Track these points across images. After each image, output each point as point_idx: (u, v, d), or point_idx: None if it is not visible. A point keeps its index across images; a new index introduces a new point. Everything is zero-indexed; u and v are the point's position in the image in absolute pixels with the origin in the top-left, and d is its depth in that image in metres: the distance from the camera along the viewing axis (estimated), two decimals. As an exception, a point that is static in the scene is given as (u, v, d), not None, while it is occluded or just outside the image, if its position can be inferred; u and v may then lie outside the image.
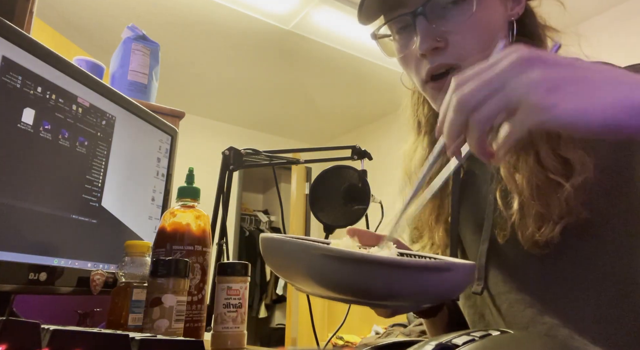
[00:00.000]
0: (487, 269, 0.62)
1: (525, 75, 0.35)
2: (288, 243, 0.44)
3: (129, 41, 1.46)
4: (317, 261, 0.41)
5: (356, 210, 0.81)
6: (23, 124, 0.64)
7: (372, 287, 0.41)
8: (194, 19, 2.96)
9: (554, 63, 0.36)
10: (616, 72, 0.37)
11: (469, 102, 0.37)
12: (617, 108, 0.34)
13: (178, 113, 1.39)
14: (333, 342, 2.28)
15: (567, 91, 0.34)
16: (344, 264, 0.40)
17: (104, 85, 0.80)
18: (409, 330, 2.22)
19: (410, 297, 0.43)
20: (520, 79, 0.35)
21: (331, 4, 2.75)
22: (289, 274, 0.46)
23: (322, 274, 0.42)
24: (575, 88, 0.34)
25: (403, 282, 0.41)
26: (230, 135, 4.46)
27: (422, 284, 0.42)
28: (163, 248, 0.70)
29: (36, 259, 0.66)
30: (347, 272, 0.40)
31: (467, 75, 0.39)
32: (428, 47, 0.57)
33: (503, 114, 0.36)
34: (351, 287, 0.42)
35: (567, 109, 0.34)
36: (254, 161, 0.94)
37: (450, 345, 0.31)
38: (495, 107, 0.36)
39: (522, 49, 0.37)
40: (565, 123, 0.34)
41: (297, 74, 3.63)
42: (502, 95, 0.35)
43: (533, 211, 0.54)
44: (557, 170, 0.53)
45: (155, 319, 0.59)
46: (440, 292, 0.44)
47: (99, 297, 0.75)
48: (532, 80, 0.35)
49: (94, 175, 0.76)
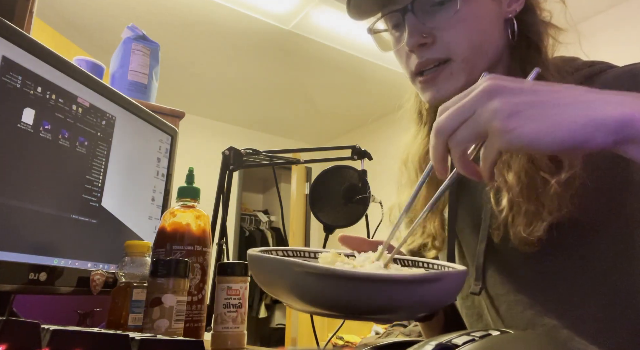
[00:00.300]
0: (485, 269, 0.62)
1: (490, 103, 0.39)
2: (271, 261, 0.43)
3: (129, 41, 1.46)
4: (299, 279, 0.40)
5: (356, 210, 0.81)
6: (23, 124, 0.64)
7: (358, 303, 0.40)
8: (194, 19, 2.96)
9: (517, 91, 0.39)
10: (579, 91, 0.39)
11: (444, 128, 0.41)
12: (575, 126, 0.37)
13: (178, 113, 1.39)
14: (333, 342, 2.28)
15: (526, 115, 0.38)
16: (327, 280, 0.39)
17: (104, 85, 0.80)
18: (409, 330, 2.22)
19: (400, 309, 0.42)
20: (486, 106, 0.39)
21: (331, 4, 2.75)
22: (275, 291, 0.45)
23: (306, 292, 0.41)
24: (533, 112, 0.38)
25: (390, 296, 0.40)
26: (230, 135, 4.46)
27: (411, 297, 0.40)
28: (163, 248, 0.70)
29: (36, 259, 0.66)
30: (331, 289, 0.39)
31: (447, 104, 0.43)
32: (415, 42, 0.60)
33: (477, 137, 0.40)
34: (337, 303, 0.41)
35: (524, 131, 0.37)
36: (254, 161, 0.94)
37: (450, 345, 0.31)
38: (466, 132, 0.40)
39: (492, 78, 0.41)
40: (526, 144, 0.37)
41: (297, 74, 3.63)
42: (472, 121, 0.40)
43: (522, 209, 0.55)
44: (547, 168, 0.54)
45: (155, 319, 0.59)
46: (430, 302, 0.43)
47: (99, 297, 0.75)
48: (495, 107, 0.38)
49: (94, 175, 0.76)
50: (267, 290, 0.46)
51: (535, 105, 0.38)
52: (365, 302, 0.40)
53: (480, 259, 0.62)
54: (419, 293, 0.41)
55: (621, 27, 2.69)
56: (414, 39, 0.60)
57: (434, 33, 0.60)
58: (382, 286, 0.39)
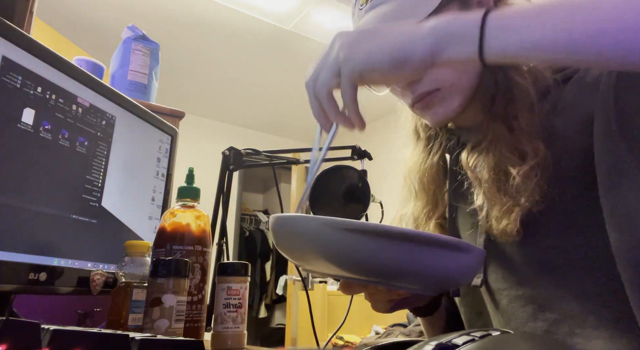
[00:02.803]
0: (486, 263, 0.63)
1: (334, 47, 0.48)
2: (303, 219, 0.44)
3: (129, 41, 1.46)
4: (336, 236, 0.41)
5: (356, 210, 0.81)
6: (23, 124, 0.64)
7: (389, 263, 0.41)
8: (194, 19, 2.96)
9: (355, 32, 0.48)
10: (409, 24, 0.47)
11: (310, 82, 0.50)
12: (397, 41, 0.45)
13: (178, 113, 1.39)
14: (333, 342, 2.27)
15: (361, 43, 0.47)
16: (364, 237, 0.40)
17: (104, 85, 0.80)
18: (409, 330, 2.22)
19: (424, 276, 0.43)
20: (333, 51, 0.48)
21: (331, 4, 2.75)
22: (302, 254, 0.45)
23: (341, 251, 0.41)
24: (367, 40, 0.47)
25: (421, 258, 0.41)
26: (230, 135, 4.46)
27: (439, 262, 0.42)
28: (163, 248, 0.70)
29: (36, 259, 0.66)
30: (367, 247, 0.41)
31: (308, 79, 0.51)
32: (404, 83, 0.64)
33: (333, 75, 0.48)
34: (369, 262, 0.42)
35: (360, 55, 0.46)
36: (254, 161, 0.94)
37: (450, 345, 0.31)
38: (324, 74, 0.48)
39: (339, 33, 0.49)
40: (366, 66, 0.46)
41: (297, 74, 3.63)
42: (326, 65, 0.48)
43: (495, 203, 0.58)
44: (512, 161, 0.57)
45: (155, 319, 0.59)
46: (454, 274, 0.45)
47: (99, 297, 0.75)
48: (338, 45, 0.48)
49: (94, 175, 0.76)
50: (292, 255, 0.46)
51: (368, 37, 0.47)
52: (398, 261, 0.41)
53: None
54: (448, 260, 0.43)
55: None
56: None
57: None
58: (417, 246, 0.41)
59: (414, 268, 0.42)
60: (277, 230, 0.46)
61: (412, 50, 0.45)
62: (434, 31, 0.44)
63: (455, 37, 0.44)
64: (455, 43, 0.44)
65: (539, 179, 0.55)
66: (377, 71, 0.46)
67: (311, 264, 0.45)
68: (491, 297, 0.63)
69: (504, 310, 0.61)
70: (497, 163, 0.58)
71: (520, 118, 0.58)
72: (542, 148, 0.56)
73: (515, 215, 0.55)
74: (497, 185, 0.58)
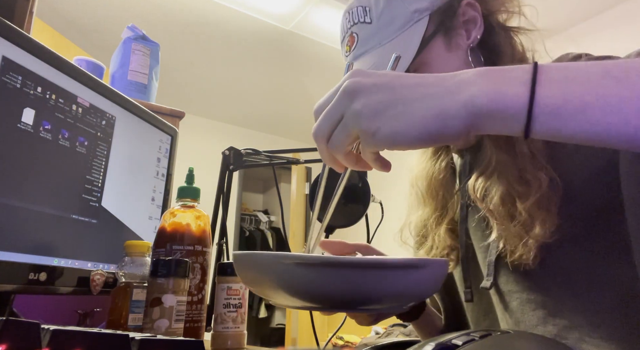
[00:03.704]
0: (497, 265, 0.62)
1: (353, 105, 0.41)
2: (258, 256, 0.43)
3: (129, 41, 1.46)
4: (288, 270, 0.40)
5: (356, 210, 0.81)
6: (23, 124, 0.64)
7: (345, 292, 0.40)
8: (194, 19, 2.96)
9: (375, 89, 0.40)
10: (431, 81, 0.41)
11: (321, 134, 0.43)
12: (426, 120, 0.39)
13: (178, 113, 1.39)
14: (333, 342, 2.28)
15: (385, 116, 0.39)
16: (315, 270, 0.39)
17: (104, 85, 0.80)
18: (409, 330, 2.22)
19: (385, 298, 0.42)
20: (350, 110, 0.41)
21: (331, 4, 2.75)
22: (262, 287, 0.45)
23: (295, 284, 0.41)
24: (390, 111, 0.39)
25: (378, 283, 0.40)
26: (230, 135, 4.46)
27: (397, 283, 0.41)
28: (163, 248, 0.70)
29: (36, 259, 0.66)
30: (318, 278, 0.40)
31: (319, 104, 0.44)
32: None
33: (350, 140, 0.42)
34: (322, 293, 0.41)
35: (385, 132, 0.39)
36: (254, 161, 0.94)
37: (450, 345, 0.31)
38: (340, 138, 0.42)
39: (353, 75, 0.42)
40: (390, 143, 0.40)
41: (297, 74, 3.63)
42: (341, 126, 0.42)
43: (509, 234, 0.56)
44: (520, 194, 0.55)
45: (155, 319, 0.59)
46: (415, 290, 0.43)
47: (99, 297, 0.75)
48: (358, 111, 0.40)
49: (94, 175, 0.76)
50: (254, 288, 0.46)
51: (391, 104, 0.40)
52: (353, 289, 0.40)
53: (492, 256, 0.62)
54: (405, 280, 0.41)
55: (613, 31, 2.69)
56: None
57: None
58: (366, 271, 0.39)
59: (373, 293, 0.41)
60: (239, 268, 0.47)
61: (444, 129, 0.39)
62: (471, 107, 0.38)
63: (496, 117, 0.38)
64: (496, 122, 0.38)
65: (549, 206, 0.53)
66: (404, 148, 0.41)
67: (274, 297, 0.45)
68: (501, 299, 0.62)
69: (513, 312, 0.60)
70: (504, 195, 0.56)
71: (520, 141, 0.56)
72: (546, 176, 0.54)
73: (531, 246, 0.54)
74: (508, 219, 0.56)
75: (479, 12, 0.63)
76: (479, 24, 0.63)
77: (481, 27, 0.63)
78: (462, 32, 0.63)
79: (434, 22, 0.61)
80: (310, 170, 4.38)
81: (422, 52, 0.59)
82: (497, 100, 0.37)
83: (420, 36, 0.59)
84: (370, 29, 0.62)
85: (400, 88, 0.40)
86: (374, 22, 0.62)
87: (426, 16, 0.60)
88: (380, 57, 0.60)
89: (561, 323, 0.55)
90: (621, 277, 0.52)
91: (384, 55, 0.60)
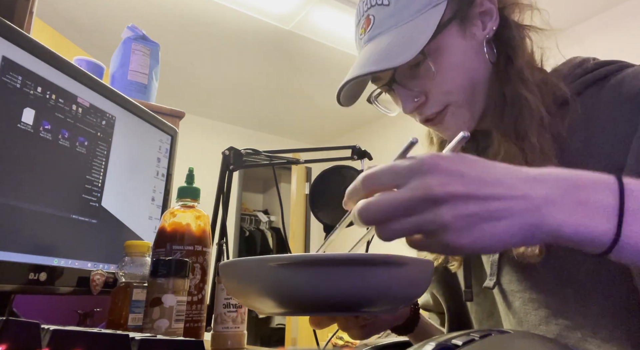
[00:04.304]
0: (500, 265, 0.62)
1: (440, 213, 0.36)
2: (242, 262, 0.43)
3: (129, 41, 1.46)
4: (273, 273, 0.40)
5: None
6: (23, 124, 0.64)
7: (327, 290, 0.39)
8: (194, 19, 2.96)
9: (465, 197, 0.36)
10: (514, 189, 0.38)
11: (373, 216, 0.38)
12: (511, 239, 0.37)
13: (178, 113, 1.39)
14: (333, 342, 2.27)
15: (476, 231, 0.36)
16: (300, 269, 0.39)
17: (104, 85, 0.80)
18: (409, 330, 2.22)
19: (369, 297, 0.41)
20: (438, 219, 0.36)
21: (331, 4, 2.75)
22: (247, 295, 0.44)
23: (283, 286, 0.40)
24: (481, 230, 0.36)
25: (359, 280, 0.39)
26: (230, 135, 4.46)
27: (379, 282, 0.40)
28: (163, 248, 0.70)
29: (36, 259, 0.66)
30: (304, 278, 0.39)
31: (373, 177, 0.39)
32: (411, 108, 0.63)
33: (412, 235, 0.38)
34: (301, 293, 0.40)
35: (474, 248, 0.36)
36: (254, 161, 0.94)
37: (450, 345, 0.31)
38: (402, 229, 0.37)
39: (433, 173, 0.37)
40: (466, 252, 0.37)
41: (297, 74, 3.63)
42: (414, 222, 0.36)
43: None
44: None
45: (155, 319, 0.59)
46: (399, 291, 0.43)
47: (99, 297, 0.75)
48: (446, 223, 0.36)
49: (94, 175, 0.76)
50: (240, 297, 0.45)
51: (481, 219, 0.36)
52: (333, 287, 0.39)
53: (495, 256, 0.62)
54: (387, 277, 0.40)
55: (614, 30, 2.69)
56: (409, 105, 0.63)
57: (424, 92, 0.62)
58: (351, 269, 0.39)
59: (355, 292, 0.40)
60: (224, 279, 0.46)
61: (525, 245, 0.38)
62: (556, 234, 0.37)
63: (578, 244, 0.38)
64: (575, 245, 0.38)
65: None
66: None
67: (259, 306, 0.44)
68: (504, 298, 0.62)
69: (515, 311, 0.60)
70: None
71: (529, 134, 0.57)
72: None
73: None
74: None
75: (495, 4, 0.63)
76: (495, 16, 0.63)
77: (497, 19, 0.63)
78: (478, 22, 0.63)
79: (452, 8, 0.61)
80: (310, 170, 4.38)
81: (437, 37, 0.59)
82: (584, 234, 0.37)
83: (437, 20, 0.59)
84: (387, 10, 0.62)
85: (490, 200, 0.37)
86: (392, 4, 0.62)
87: (444, 2, 0.60)
88: (396, 36, 0.60)
89: (563, 323, 0.55)
90: (625, 278, 0.52)
91: (400, 35, 0.60)
